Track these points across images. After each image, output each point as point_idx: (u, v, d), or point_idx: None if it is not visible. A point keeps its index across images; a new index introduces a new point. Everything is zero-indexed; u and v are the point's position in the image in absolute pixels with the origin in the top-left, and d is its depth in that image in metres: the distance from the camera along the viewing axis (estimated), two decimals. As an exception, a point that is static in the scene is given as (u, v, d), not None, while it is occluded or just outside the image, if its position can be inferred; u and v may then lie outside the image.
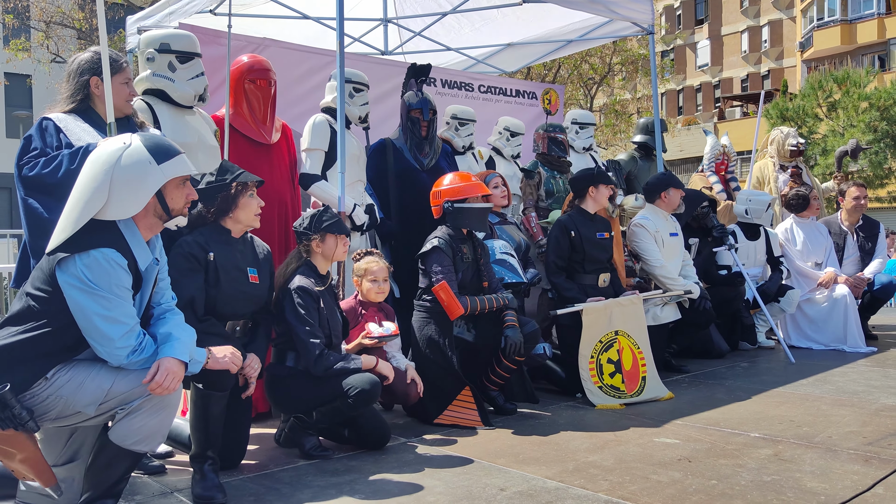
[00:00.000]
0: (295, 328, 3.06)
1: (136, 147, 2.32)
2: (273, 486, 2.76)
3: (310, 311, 3.08)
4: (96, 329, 2.19)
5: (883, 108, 17.87)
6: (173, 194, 2.39)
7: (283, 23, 6.20)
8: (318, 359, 3.04)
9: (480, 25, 6.74)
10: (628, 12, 5.51)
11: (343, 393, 3.01)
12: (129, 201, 2.27)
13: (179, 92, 3.50)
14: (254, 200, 2.95)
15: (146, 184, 2.29)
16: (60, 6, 17.21)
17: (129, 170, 2.28)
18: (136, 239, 2.34)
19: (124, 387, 2.24)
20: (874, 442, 3.13)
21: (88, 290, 2.17)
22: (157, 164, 2.31)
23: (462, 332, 3.80)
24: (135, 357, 2.24)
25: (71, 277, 2.18)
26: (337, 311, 3.31)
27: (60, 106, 3.02)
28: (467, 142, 5.20)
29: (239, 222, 2.95)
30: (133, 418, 2.25)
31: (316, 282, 3.17)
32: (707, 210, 5.51)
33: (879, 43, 28.62)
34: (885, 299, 6.24)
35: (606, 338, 4.10)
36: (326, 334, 3.14)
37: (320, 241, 3.22)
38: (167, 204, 2.38)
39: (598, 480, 2.72)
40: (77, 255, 2.19)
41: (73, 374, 2.24)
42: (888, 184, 18.31)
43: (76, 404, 2.23)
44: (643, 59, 18.65)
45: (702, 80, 37.09)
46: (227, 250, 2.93)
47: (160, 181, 2.31)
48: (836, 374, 4.64)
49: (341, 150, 3.91)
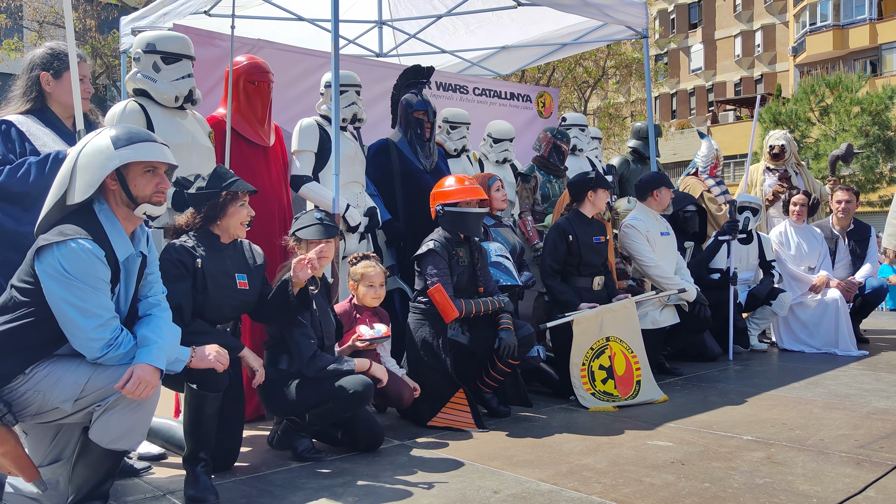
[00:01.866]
0: (288, 329, 3.06)
1: (102, 135, 2.36)
2: (265, 488, 2.75)
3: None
4: (70, 319, 2.20)
5: (874, 113, 17.99)
6: (137, 181, 2.37)
7: (277, 24, 6.19)
8: (311, 360, 3.04)
9: (475, 28, 6.76)
10: (622, 16, 5.53)
11: (336, 394, 3.01)
12: (85, 183, 2.30)
13: (161, 92, 3.48)
14: (243, 210, 2.93)
15: (101, 166, 2.31)
16: (54, 6, 17.15)
17: (90, 155, 2.32)
18: (116, 230, 2.35)
19: (100, 382, 2.23)
20: (866, 445, 3.15)
21: (64, 279, 2.18)
22: (114, 148, 2.32)
23: (457, 334, 3.80)
24: (111, 352, 2.24)
25: (48, 267, 2.19)
26: (330, 314, 3.30)
27: (14, 105, 2.94)
28: (459, 145, 5.19)
29: (225, 230, 2.95)
30: (110, 416, 2.24)
31: (308, 284, 3.16)
32: (690, 215, 5.53)
33: (871, 48, 28.81)
34: (877, 303, 6.27)
35: (598, 345, 4.10)
36: (319, 336, 3.14)
37: (297, 244, 3.27)
38: (130, 191, 2.37)
39: (592, 483, 2.72)
40: (55, 244, 2.20)
41: (51, 370, 2.25)
42: (879, 188, 18.43)
43: (53, 399, 2.23)
44: (637, 63, 18.74)
45: (695, 84, 37.24)
46: (216, 256, 2.92)
47: (114, 164, 2.31)
48: (827, 378, 4.66)
49: (335, 151, 3.90)
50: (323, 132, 4.16)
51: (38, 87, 2.96)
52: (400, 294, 4.44)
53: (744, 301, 5.78)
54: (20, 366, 2.22)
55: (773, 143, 6.74)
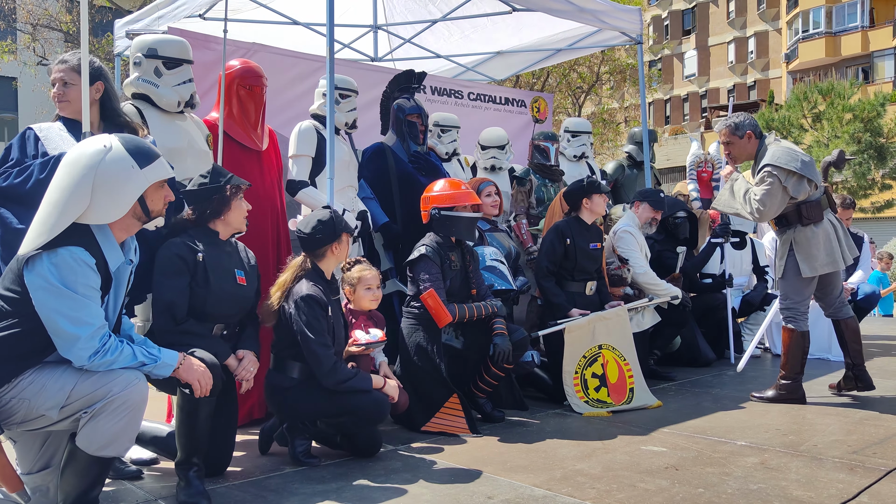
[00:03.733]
0: (304, 338, 3.00)
1: (118, 150, 2.30)
2: (259, 493, 2.73)
3: (319, 319, 3.02)
4: (60, 329, 2.17)
5: (866, 120, 18.09)
6: (153, 196, 2.39)
7: (272, 28, 6.19)
8: (331, 371, 2.99)
9: (470, 33, 6.77)
10: (617, 22, 5.55)
11: (352, 411, 3.02)
12: (113, 205, 2.27)
13: (163, 97, 3.48)
14: (244, 204, 2.98)
15: (129, 188, 2.28)
16: (47, 9, 17.10)
17: (112, 174, 2.26)
18: (107, 239, 2.33)
19: (86, 389, 2.22)
20: (859, 450, 3.15)
21: (55, 289, 2.16)
22: (139, 168, 2.30)
23: (451, 339, 3.79)
24: (98, 359, 2.22)
25: (38, 277, 2.17)
26: (342, 319, 3.27)
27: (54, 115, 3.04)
28: (450, 148, 5.20)
29: (229, 224, 2.95)
30: (97, 422, 2.22)
31: (324, 289, 3.14)
32: (681, 221, 5.54)
33: (863, 55, 29.01)
34: (869, 309, 6.30)
35: (590, 353, 4.10)
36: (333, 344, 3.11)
37: (338, 243, 3.21)
38: (147, 206, 2.38)
39: (586, 488, 2.72)
40: (45, 253, 2.18)
41: (37, 377, 2.23)
42: (871, 194, 18.52)
43: (39, 407, 2.21)
44: (631, 69, 18.79)
45: (689, 90, 37.41)
46: (216, 251, 2.92)
47: (143, 185, 2.31)
48: (821, 383, 4.67)
49: (330, 156, 3.89)
50: (321, 136, 4.16)
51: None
52: (399, 297, 4.44)
53: (738, 307, 5.79)
54: (6, 376, 2.19)
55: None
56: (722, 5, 36.38)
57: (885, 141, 18.26)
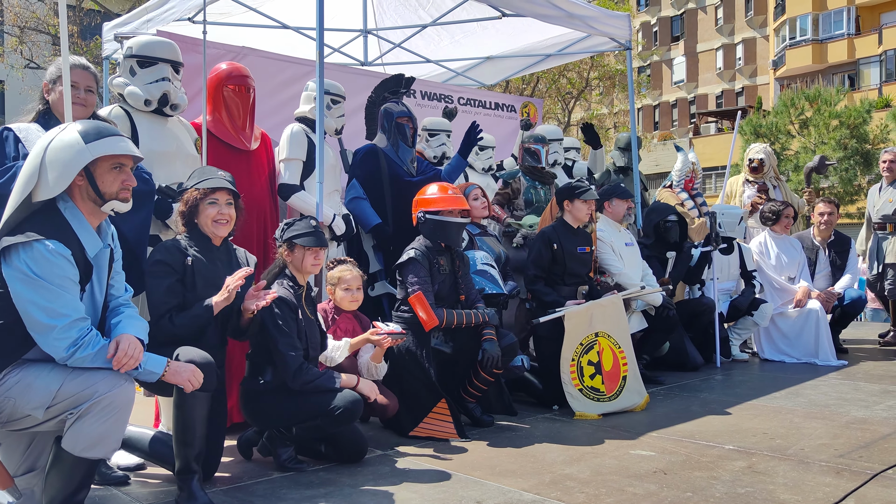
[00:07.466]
0: (273, 339, 3.00)
1: (69, 130, 2.33)
2: (247, 498, 2.72)
3: (287, 321, 3.02)
4: (36, 321, 2.17)
5: (853, 126, 18.27)
6: (105, 177, 2.36)
7: (262, 32, 6.18)
8: (296, 372, 2.98)
9: (460, 38, 6.79)
10: (606, 28, 5.59)
11: (324, 412, 2.96)
12: (55, 178, 2.26)
13: (131, 95, 3.48)
14: (212, 208, 2.91)
15: (71, 160, 2.28)
16: (35, 11, 16.99)
17: (59, 149, 2.29)
18: (82, 226, 2.33)
19: (72, 389, 2.20)
20: (845, 454, 3.17)
21: (30, 280, 2.16)
22: (84, 143, 2.30)
23: (440, 343, 3.79)
24: (78, 352, 2.20)
25: (14, 270, 2.17)
26: (315, 324, 3.26)
27: (26, 116, 3.04)
28: (439, 152, 5.19)
29: (206, 228, 2.93)
30: (83, 423, 2.20)
31: (295, 293, 3.13)
32: (671, 225, 5.56)
33: (849, 62, 29.30)
34: (855, 314, 6.35)
35: (587, 340, 4.13)
36: (304, 346, 3.10)
37: (288, 250, 3.17)
38: (98, 187, 2.35)
39: (575, 493, 2.72)
40: (21, 247, 2.18)
41: (23, 376, 2.22)
42: (858, 200, 18.68)
43: (25, 406, 2.20)
44: (620, 75, 18.89)
45: (677, 96, 37.63)
46: (207, 256, 2.91)
47: (86, 158, 2.29)
48: (808, 388, 4.70)
49: (319, 160, 3.89)
50: (311, 140, 4.15)
51: (43, 96, 3.07)
52: (388, 299, 4.44)
53: (725, 311, 5.82)
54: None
55: (753, 157, 6.81)
56: (710, 12, 36.65)
57: (871, 147, 18.44)
